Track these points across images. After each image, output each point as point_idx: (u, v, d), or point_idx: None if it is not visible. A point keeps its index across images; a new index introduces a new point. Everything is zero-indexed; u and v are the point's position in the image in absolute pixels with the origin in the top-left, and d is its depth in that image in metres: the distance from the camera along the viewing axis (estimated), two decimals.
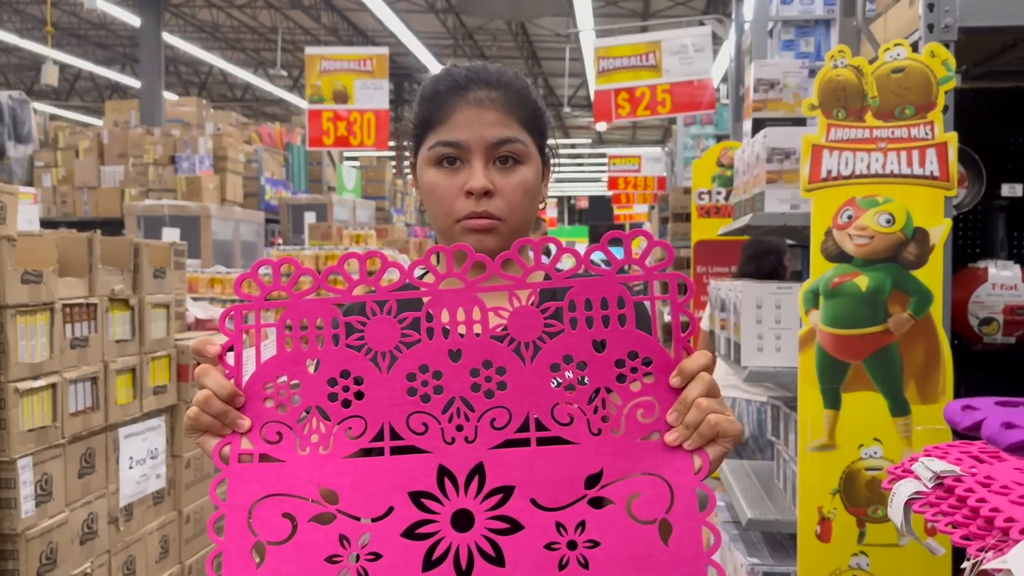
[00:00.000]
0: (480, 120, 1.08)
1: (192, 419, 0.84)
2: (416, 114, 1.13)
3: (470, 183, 1.06)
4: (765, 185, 2.18)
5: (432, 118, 1.10)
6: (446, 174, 1.08)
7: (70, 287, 2.24)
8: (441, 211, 1.09)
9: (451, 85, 1.10)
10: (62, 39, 15.93)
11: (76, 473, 2.23)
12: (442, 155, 1.08)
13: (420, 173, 1.12)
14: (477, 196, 1.06)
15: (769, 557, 2.24)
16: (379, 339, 0.83)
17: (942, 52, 1.81)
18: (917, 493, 0.77)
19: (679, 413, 0.83)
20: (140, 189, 8.35)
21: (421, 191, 1.12)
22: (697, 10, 13.05)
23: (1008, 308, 2.10)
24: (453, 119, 1.08)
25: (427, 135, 1.10)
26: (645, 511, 0.81)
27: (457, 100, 1.09)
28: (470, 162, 1.07)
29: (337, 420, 0.83)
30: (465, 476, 0.82)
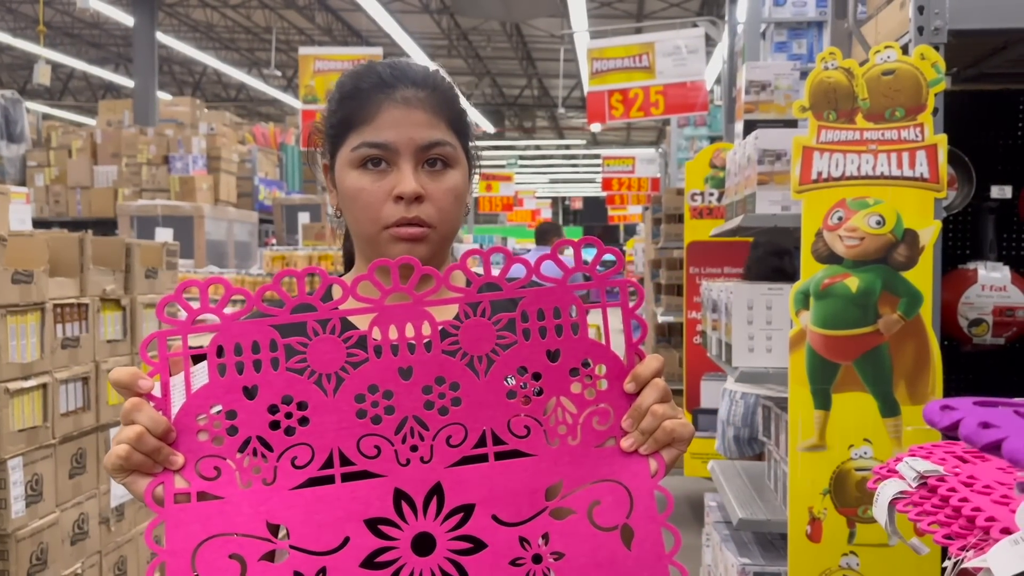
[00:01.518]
0: (408, 120, 1.01)
1: (122, 458, 0.76)
2: (334, 112, 1.06)
3: (400, 187, 0.99)
4: (756, 186, 2.18)
5: (354, 117, 1.02)
6: (371, 177, 1.01)
7: (61, 287, 2.24)
8: (366, 217, 1.01)
9: (376, 82, 1.03)
10: (55, 38, 15.89)
11: (67, 473, 2.23)
12: (367, 157, 1.01)
13: (340, 176, 1.04)
14: (408, 201, 1.00)
15: (760, 557, 2.25)
16: (323, 360, 0.78)
17: (932, 54, 1.81)
18: (901, 493, 0.77)
19: (634, 419, 0.82)
20: (133, 189, 8.33)
21: (341, 195, 1.04)
22: (691, 12, 13.07)
23: (997, 309, 2.11)
24: (379, 119, 1.01)
25: (348, 135, 1.02)
26: (606, 518, 0.80)
27: (383, 99, 1.02)
28: (398, 165, 1.01)
29: (281, 449, 0.77)
30: (423, 498, 0.79)
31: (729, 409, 3.58)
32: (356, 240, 1.09)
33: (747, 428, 3.54)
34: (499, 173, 19.34)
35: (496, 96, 21.70)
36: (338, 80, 1.08)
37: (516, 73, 19.44)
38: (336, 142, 1.05)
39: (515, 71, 19.22)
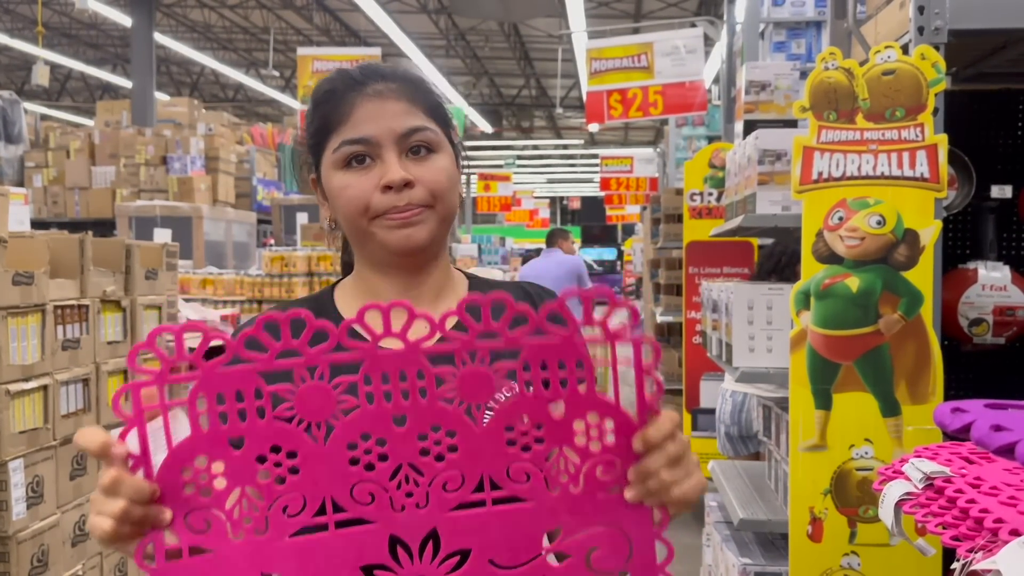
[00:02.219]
0: (384, 111, 1.01)
1: (110, 533, 0.73)
2: (311, 121, 1.06)
3: (387, 176, 0.99)
4: (756, 186, 2.19)
5: (331, 120, 1.03)
6: (356, 174, 1.01)
7: (61, 288, 2.23)
8: (356, 211, 1.01)
9: (346, 82, 1.04)
10: (53, 39, 15.87)
11: (68, 475, 2.23)
12: (349, 154, 1.01)
13: (326, 180, 1.04)
14: (397, 189, 0.99)
15: (761, 557, 2.25)
16: (312, 409, 0.74)
17: (932, 54, 1.82)
18: (907, 494, 0.77)
19: (638, 479, 0.78)
20: (131, 190, 8.33)
21: (330, 199, 1.05)
22: (689, 12, 13.08)
23: (998, 309, 2.11)
24: (355, 115, 1.01)
25: (328, 139, 1.03)
26: (605, 563, 0.78)
27: (355, 96, 1.02)
28: (381, 157, 1.01)
29: (271, 499, 0.75)
30: (419, 543, 0.77)
31: (720, 407, 3.60)
32: (353, 242, 1.08)
33: (736, 425, 3.55)
34: (497, 173, 19.33)
35: (494, 96, 21.70)
36: (314, 90, 1.09)
37: (514, 73, 19.43)
38: (318, 150, 1.05)
39: (513, 71, 19.22)
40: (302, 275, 5.46)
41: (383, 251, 1.04)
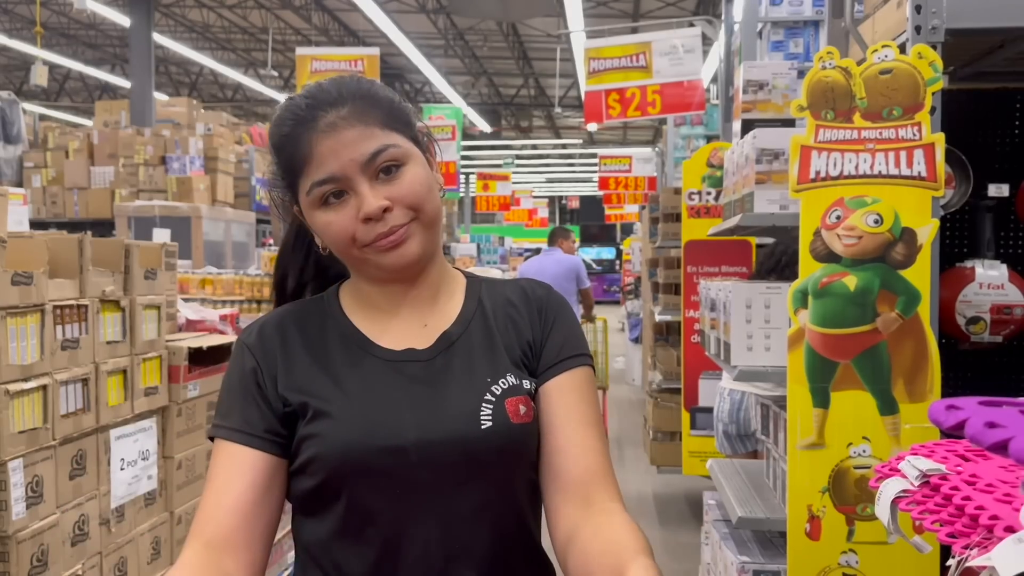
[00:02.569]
0: (341, 143, 1.02)
1: None
2: (277, 165, 1.10)
3: (364, 210, 1.02)
4: (754, 186, 2.19)
5: (293, 163, 1.06)
6: (336, 210, 1.03)
7: (60, 288, 2.23)
8: (345, 244, 1.04)
9: (297, 121, 1.05)
10: (51, 39, 15.86)
11: (67, 475, 2.23)
12: (324, 194, 1.03)
13: (309, 219, 1.08)
14: (376, 218, 1.02)
15: (759, 555, 2.25)
16: None
17: (929, 53, 1.82)
18: (904, 491, 0.78)
19: None
20: (130, 190, 8.32)
21: (318, 233, 1.09)
22: (687, 11, 13.08)
23: (995, 307, 2.12)
24: (315, 155, 1.03)
25: (298, 181, 1.06)
26: None
27: (310, 134, 1.03)
28: (354, 188, 1.03)
29: None
30: None
31: (718, 406, 3.61)
32: (350, 266, 1.13)
33: (734, 424, 3.56)
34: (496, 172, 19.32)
35: (493, 96, 21.69)
36: (270, 130, 1.11)
37: (512, 73, 19.43)
38: (292, 191, 1.09)
39: (511, 71, 19.21)
40: None
41: (379, 271, 1.08)
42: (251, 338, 1.12)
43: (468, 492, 1.03)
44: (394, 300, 1.12)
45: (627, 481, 6.14)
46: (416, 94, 21.08)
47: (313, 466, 1.04)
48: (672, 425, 5.33)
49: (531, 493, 1.10)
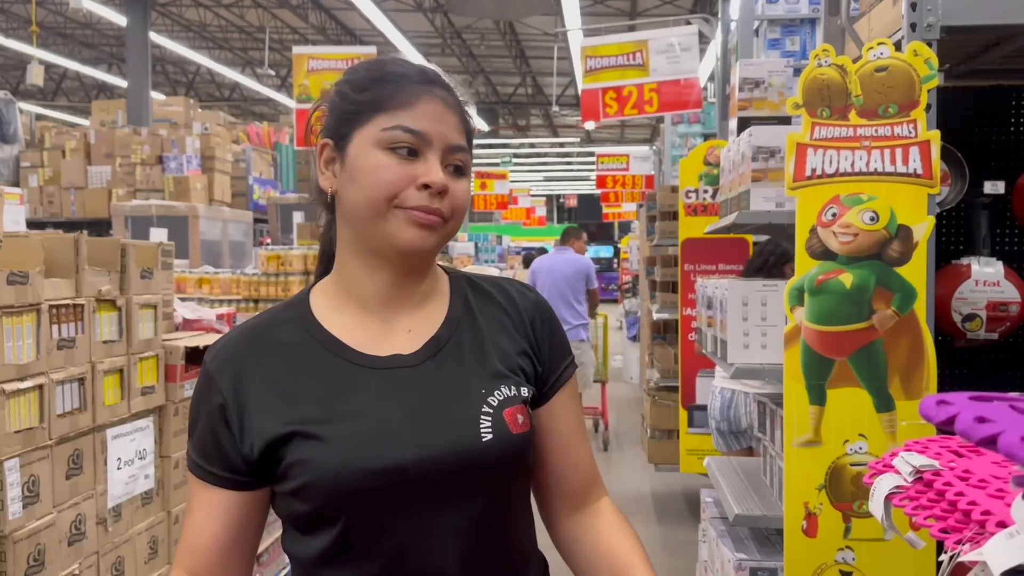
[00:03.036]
0: (444, 119, 1.03)
1: None
2: (362, 90, 1.03)
3: (431, 176, 1.00)
4: (750, 183, 2.19)
5: (389, 100, 1.01)
6: (397, 159, 1.00)
7: (56, 288, 2.23)
8: (383, 195, 0.99)
9: (417, 73, 1.04)
10: (48, 38, 15.84)
11: (64, 474, 2.23)
12: (399, 140, 1.00)
13: (357, 153, 1.01)
14: (433, 192, 1.00)
15: (756, 552, 2.25)
16: None
17: (925, 51, 1.82)
18: (897, 487, 0.78)
19: None
20: (127, 189, 8.32)
21: (352, 172, 1.02)
22: (684, 9, 13.08)
23: (991, 304, 2.12)
24: (418, 108, 1.01)
25: (376, 116, 1.01)
26: None
27: (423, 91, 1.02)
28: (426, 156, 1.01)
29: None
30: None
31: (711, 404, 3.63)
32: (354, 224, 1.04)
33: (725, 421, 3.57)
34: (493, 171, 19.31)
35: (490, 94, 21.68)
36: (361, 64, 1.08)
37: (510, 71, 19.43)
38: (356, 120, 1.03)
39: (509, 69, 19.21)
40: (298, 274, 5.46)
41: (386, 243, 1.02)
42: (216, 363, 1.04)
43: (468, 503, 1.01)
44: (382, 296, 1.06)
45: (625, 479, 6.14)
46: None
47: (306, 493, 0.98)
48: (670, 423, 5.34)
49: (525, 497, 1.11)
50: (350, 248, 1.06)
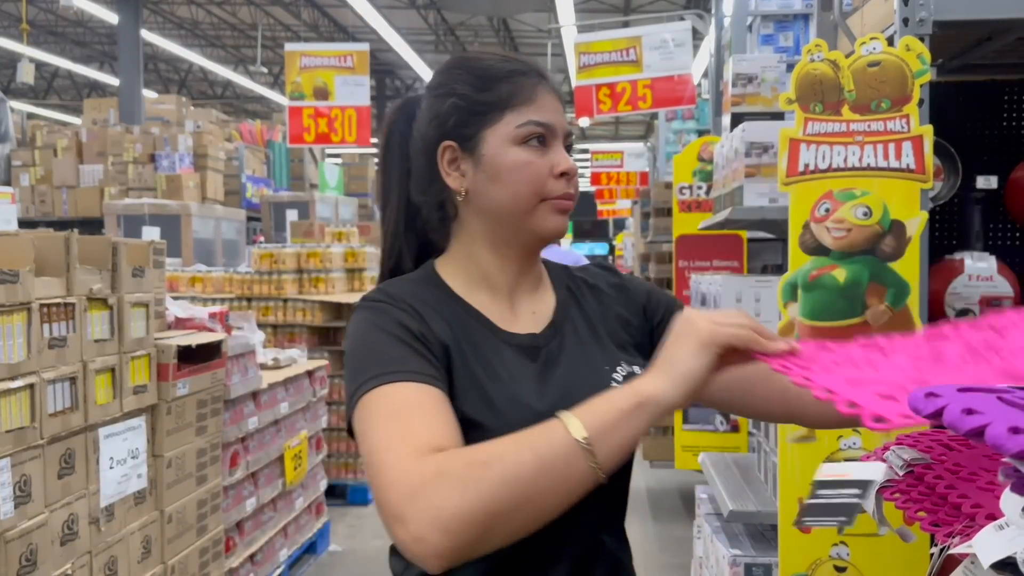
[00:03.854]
0: (558, 109, 1.10)
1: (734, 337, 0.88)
2: (485, 91, 1.08)
3: (566, 164, 1.07)
4: (744, 179, 2.19)
5: (513, 98, 1.07)
6: (535, 152, 1.06)
7: (47, 287, 2.22)
8: (531, 189, 1.06)
9: (532, 70, 1.10)
10: (39, 36, 15.78)
11: (56, 474, 2.22)
12: (532, 134, 1.06)
13: (495, 151, 1.06)
14: (568, 178, 1.08)
15: (751, 548, 2.26)
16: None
17: (917, 46, 1.82)
18: (889, 481, 0.78)
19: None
20: (120, 188, 8.29)
21: (495, 170, 1.06)
22: (677, 5, 13.09)
23: (984, 299, 2.12)
24: (540, 101, 1.07)
25: (506, 113, 1.06)
26: None
27: (540, 85, 1.09)
28: (554, 146, 1.08)
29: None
30: None
31: None
32: (491, 218, 1.08)
33: None
34: None
35: None
36: (473, 65, 1.10)
37: None
38: (483, 120, 1.07)
39: None
40: (291, 272, 5.45)
41: (530, 233, 1.08)
42: (387, 299, 1.05)
43: None
44: (512, 281, 1.12)
45: None
46: (407, 90, 21.03)
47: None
48: (664, 420, 5.34)
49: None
50: (481, 239, 1.11)
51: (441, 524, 0.80)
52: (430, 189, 1.11)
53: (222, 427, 3.14)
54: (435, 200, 1.12)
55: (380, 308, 1.03)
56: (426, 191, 1.12)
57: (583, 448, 0.84)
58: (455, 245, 1.13)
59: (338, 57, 8.34)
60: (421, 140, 1.11)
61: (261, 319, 5.27)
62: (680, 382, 0.88)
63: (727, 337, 0.89)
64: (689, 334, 0.89)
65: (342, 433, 5.57)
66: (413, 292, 1.07)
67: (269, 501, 3.77)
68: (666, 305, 1.20)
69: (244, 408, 3.42)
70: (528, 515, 0.84)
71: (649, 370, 0.91)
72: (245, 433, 3.41)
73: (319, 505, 4.52)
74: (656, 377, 0.89)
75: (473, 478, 0.82)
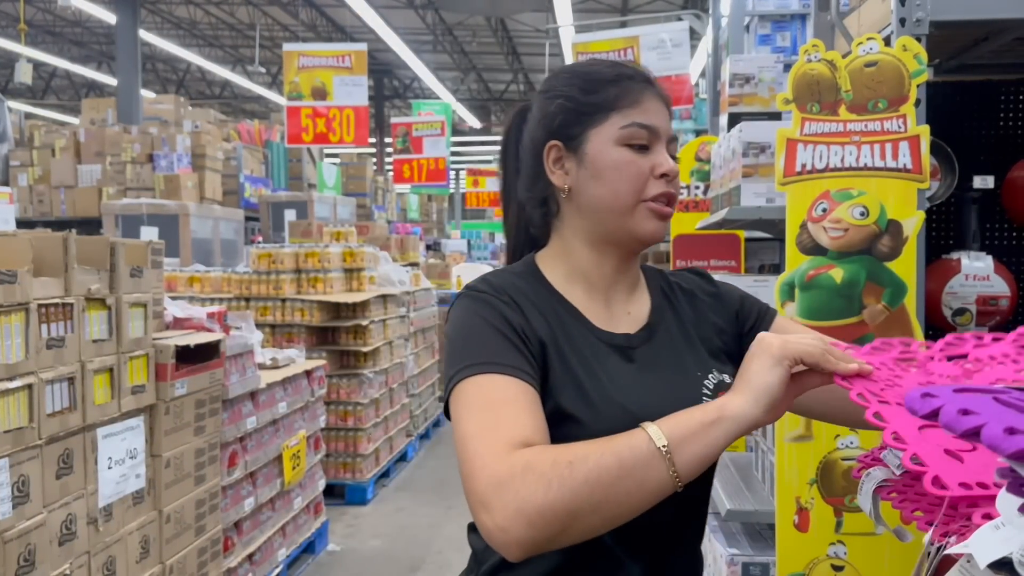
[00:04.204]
0: (663, 113, 1.13)
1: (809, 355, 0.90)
2: (590, 92, 1.12)
3: (667, 166, 1.09)
4: (741, 179, 2.19)
5: (620, 100, 1.11)
6: (636, 154, 1.10)
7: (45, 287, 2.22)
8: (630, 188, 1.09)
9: (638, 75, 1.13)
10: (37, 36, 15.76)
11: (54, 474, 2.22)
12: (636, 136, 1.09)
13: (599, 151, 1.10)
14: (669, 179, 1.11)
15: (748, 547, 2.26)
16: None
17: (914, 46, 1.82)
18: (886, 481, 0.78)
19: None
20: (118, 188, 8.28)
21: (599, 169, 1.10)
22: (675, 5, 13.09)
23: (981, 298, 2.13)
24: (645, 105, 1.11)
25: (611, 115, 1.10)
26: None
27: (647, 89, 1.12)
28: (656, 148, 1.11)
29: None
30: None
31: None
32: (591, 216, 1.12)
33: None
34: (486, 168, 19.29)
35: (482, 91, 21.66)
36: (582, 69, 1.15)
37: (502, 68, 19.40)
38: (589, 121, 1.11)
39: (501, 66, 19.19)
40: (290, 272, 5.44)
41: (627, 234, 1.11)
42: (491, 290, 1.09)
43: None
44: (608, 279, 1.15)
45: None
46: (405, 90, 21.03)
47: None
48: None
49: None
50: (581, 236, 1.15)
51: (525, 516, 0.84)
52: (535, 187, 1.17)
53: (220, 427, 3.14)
54: (539, 197, 1.17)
55: (484, 299, 1.07)
56: (531, 188, 1.17)
57: (663, 455, 0.87)
58: (555, 240, 1.18)
59: (336, 57, 8.33)
60: (530, 141, 1.17)
61: (259, 319, 5.27)
62: (757, 397, 0.91)
63: (797, 351, 0.91)
64: (762, 351, 0.93)
65: (340, 432, 5.57)
66: (514, 284, 1.11)
67: (267, 501, 3.77)
68: (758, 311, 1.23)
69: (242, 408, 3.42)
70: (606, 515, 0.88)
71: (731, 389, 0.95)
72: (243, 433, 3.41)
73: (317, 505, 4.52)
74: (736, 395, 0.92)
75: (558, 476, 0.86)
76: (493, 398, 0.96)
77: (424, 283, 7.55)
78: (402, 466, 6.58)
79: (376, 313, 5.83)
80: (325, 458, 5.18)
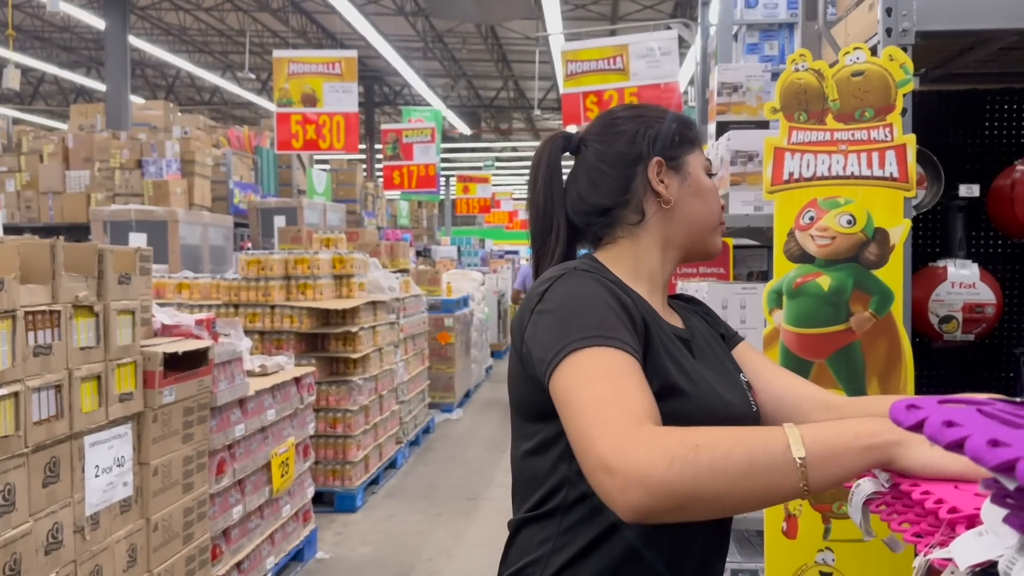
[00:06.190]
0: None
1: None
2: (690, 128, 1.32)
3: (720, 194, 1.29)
4: (729, 187, 2.20)
5: (698, 140, 1.32)
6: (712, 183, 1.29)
7: (32, 294, 2.21)
8: (718, 211, 1.29)
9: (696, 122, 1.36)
10: (25, 42, 15.70)
11: (40, 482, 2.20)
12: (709, 169, 1.31)
13: (697, 174, 1.28)
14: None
15: (737, 554, 2.26)
16: None
17: (900, 56, 1.84)
18: (875, 493, 0.79)
19: None
20: (106, 194, 8.25)
21: (695, 190, 1.27)
22: (664, 14, 13.14)
23: (967, 306, 2.14)
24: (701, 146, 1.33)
25: (696, 149, 1.29)
26: None
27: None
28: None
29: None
30: None
31: None
32: (681, 227, 1.27)
33: None
34: (476, 175, 19.31)
35: (472, 98, 21.69)
36: (676, 115, 1.32)
37: (492, 75, 19.43)
38: (687, 149, 1.29)
39: (491, 73, 19.22)
40: (279, 278, 5.43)
41: (703, 247, 1.29)
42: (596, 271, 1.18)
43: None
44: (665, 281, 1.28)
45: None
46: (395, 97, 21.03)
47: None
48: None
49: None
50: (660, 242, 1.27)
51: (647, 486, 0.87)
52: (618, 195, 1.26)
53: (208, 434, 3.13)
54: (623, 203, 1.27)
55: (595, 277, 1.15)
56: (612, 196, 1.27)
57: (796, 466, 0.87)
58: (624, 243, 1.27)
59: (326, 64, 8.33)
60: (617, 155, 1.27)
61: (248, 326, 5.25)
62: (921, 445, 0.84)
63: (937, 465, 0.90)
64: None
65: (330, 439, 5.55)
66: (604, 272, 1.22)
67: (256, 508, 3.75)
68: (733, 334, 1.38)
69: (231, 415, 3.41)
70: (725, 505, 0.90)
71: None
72: (232, 440, 3.40)
73: (306, 512, 4.50)
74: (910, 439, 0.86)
75: (682, 456, 0.88)
76: (616, 370, 1.01)
77: (414, 289, 7.54)
78: (391, 473, 6.57)
79: (366, 320, 5.82)
80: (314, 465, 5.16)
